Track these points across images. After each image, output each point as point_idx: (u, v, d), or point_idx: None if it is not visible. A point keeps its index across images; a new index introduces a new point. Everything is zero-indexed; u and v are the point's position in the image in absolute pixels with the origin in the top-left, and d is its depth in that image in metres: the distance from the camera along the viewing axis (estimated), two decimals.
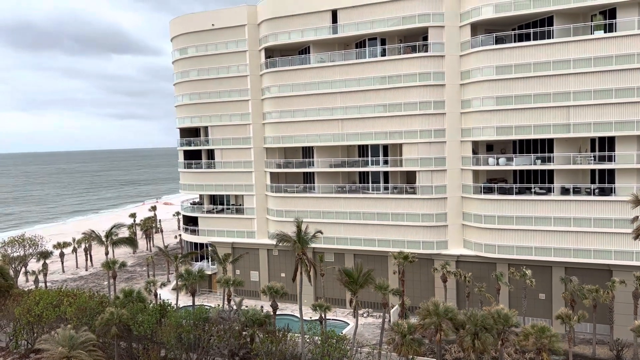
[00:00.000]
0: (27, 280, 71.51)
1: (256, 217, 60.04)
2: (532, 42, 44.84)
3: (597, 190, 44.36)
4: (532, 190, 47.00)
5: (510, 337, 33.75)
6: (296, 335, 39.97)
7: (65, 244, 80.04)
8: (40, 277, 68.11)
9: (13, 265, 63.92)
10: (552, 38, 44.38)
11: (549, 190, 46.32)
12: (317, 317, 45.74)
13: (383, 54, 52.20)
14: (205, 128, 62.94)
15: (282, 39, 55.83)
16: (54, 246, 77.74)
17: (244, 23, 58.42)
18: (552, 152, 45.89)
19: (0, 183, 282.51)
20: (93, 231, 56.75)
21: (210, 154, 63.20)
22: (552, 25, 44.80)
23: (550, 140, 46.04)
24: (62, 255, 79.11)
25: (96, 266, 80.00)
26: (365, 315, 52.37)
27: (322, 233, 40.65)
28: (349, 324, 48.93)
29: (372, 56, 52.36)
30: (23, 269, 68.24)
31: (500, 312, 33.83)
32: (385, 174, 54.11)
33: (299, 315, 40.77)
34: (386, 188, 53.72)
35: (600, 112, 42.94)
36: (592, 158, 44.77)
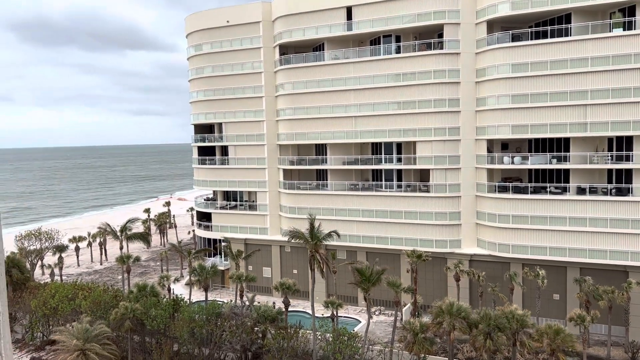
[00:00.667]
0: (43, 274, 72.48)
1: (269, 214, 60.20)
2: (549, 40, 44.31)
3: (614, 191, 43.76)
4: (548, 189, 46.51)
5: (524, 338, 33.48)
6: (308, 331, 40.04)
7: (81, 238, 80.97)
8: (56, 271, 69.01)
9: (30, 259, 64.84)
10: (570, 36, 43.81)
11: (564, 190, 45.81)
12: (328, 314, 45.78)
13: (398, 51, 51.91)
14: (220, 124, 63.21)
15: (296, 35, 55.83)
16: (70, 240, 78.74)
17: (259, 20, 58.53)
18: (568, 151, 45.34)
19: (18, 178, 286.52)
20: (108, 225, 57.35)
21: (224, 150, 63.48)
22: (569, 22, 44.22)
23: (567, 139, 45.50)
24: (77, 249, 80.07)
25: (110, 260, 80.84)
26: (377, 313, 52.26)
27: (338, 235, 40.53)
28: (360, 322, 48.89)
29: (386, 53, 52.13)
30: (39, 262, 69.19)
31: (515, 312, 33.57)
32: (399, 171, 53.91)
33: (310, 312, 40.83)
34: (399, 186, 53.53)
35: (618, 111, 42.33)
36: (609, 157, 44.16)
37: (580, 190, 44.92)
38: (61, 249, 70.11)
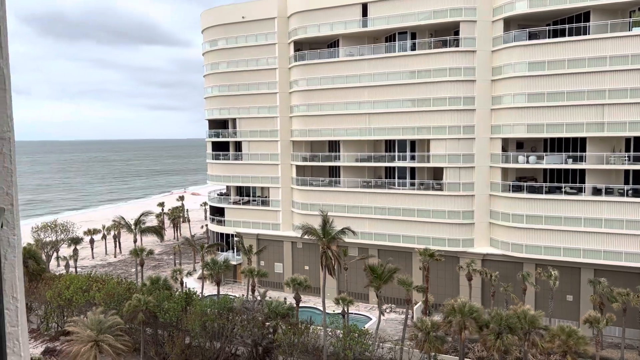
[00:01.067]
0: (58, 265, 73.42)
1: (281, 210, 60.34)
2: (567, 38, 43.79)
3: (630, 192, 43.18)
4: (563, 189, 46.03)
5: (535, 338, 33.26)
6: (318, 328, 40.14)
7: (95, 231, 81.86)
8: (71, 263, 69.88)
9: (45, 250, 65.75)
10: (588, 34, 43.25)
11: (580, 190, 45.30)
12: (339, 311, 45.83)
13: (413, 48, 51.66)
14: (234, 120, 63.45)
15: (311, 32, 55.78)
16: (85, 232, 79.58)
17: (274, 16, 58.58)
18: (585, 151, 44.82)
19: (35, 170, 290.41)
20: (123, 218, 57.91)
21: (238, 145, 63.71)
22: (588, 20, 43.64)
23: (583, 139, 44.96)
24: (92, 241, 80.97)
25: (124, 253, 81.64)
26: (388, 310, 52.19)
27: (353, 233, 40.53)
28: (371, 319, 48.86)
29: (401, 50, 51.90)
30: (54, 254, 70.15)
31: (527, 312, 33.36)
32: (412, 169, 53.66)
33: (321, 308, 40.92)
34: (412, 184, 53.30)
35: (636, 111, 41.71)
36: (626, 158, 43.57)
37: (596, 191, 44.39)
38: (76, 241, 70.98)
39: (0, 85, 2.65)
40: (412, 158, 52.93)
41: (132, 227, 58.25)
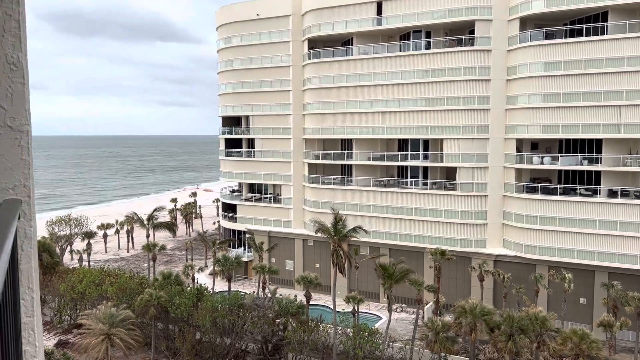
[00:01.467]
0: (72, 259, 74.22)
1: (293, 207, 60.43)
2: (584, 38, 43.27)
3: None
4: (578, 191, 45.54)
5: (547, 341, 32.99)
6: (328, 326, 40.16)
7: (109, 226, 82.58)
8: (84, 256, 70.60)
9: (59, 244, 66.51)
10: (606, 34, 42.70)
11: (595, 192, 44.79)
12: (350, 309, 45.82)
13: (427, 46, 51.40)
14: (247, 117, 63.63)
15: (325, 30, 55.73)
16: (98, 227, 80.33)
17: (289, 13, 58.60)
18: (600, 153, 44.30)
19: (50, 165, 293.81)
20: (135, 213, 58.36)
21: (251, 143, 63.90)
22: (606, 20, 43.08)
23: (599, 141, 44.44)
24: (105, 236, 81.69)
25: (137, 248, 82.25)
26: (398, 310, 52.08)
27: (366, 232, 40.48)
28: (381, 318, 48.77)
29: (416, 49, 51.65)
30: (68, 248, 70.93)
31: (538, 314, 33.10)
32: (425, 169, 53.41)
33: (332, 307, 40.93)
34: (425, 183, 53.08)
35: None
36: None
37: (612, 193, 43.85)
38: (90, 235, 71.72)
39: (19, 80, 2.68)
40: (425, 157, 52.68)
41: (145, 222, 58.72)
